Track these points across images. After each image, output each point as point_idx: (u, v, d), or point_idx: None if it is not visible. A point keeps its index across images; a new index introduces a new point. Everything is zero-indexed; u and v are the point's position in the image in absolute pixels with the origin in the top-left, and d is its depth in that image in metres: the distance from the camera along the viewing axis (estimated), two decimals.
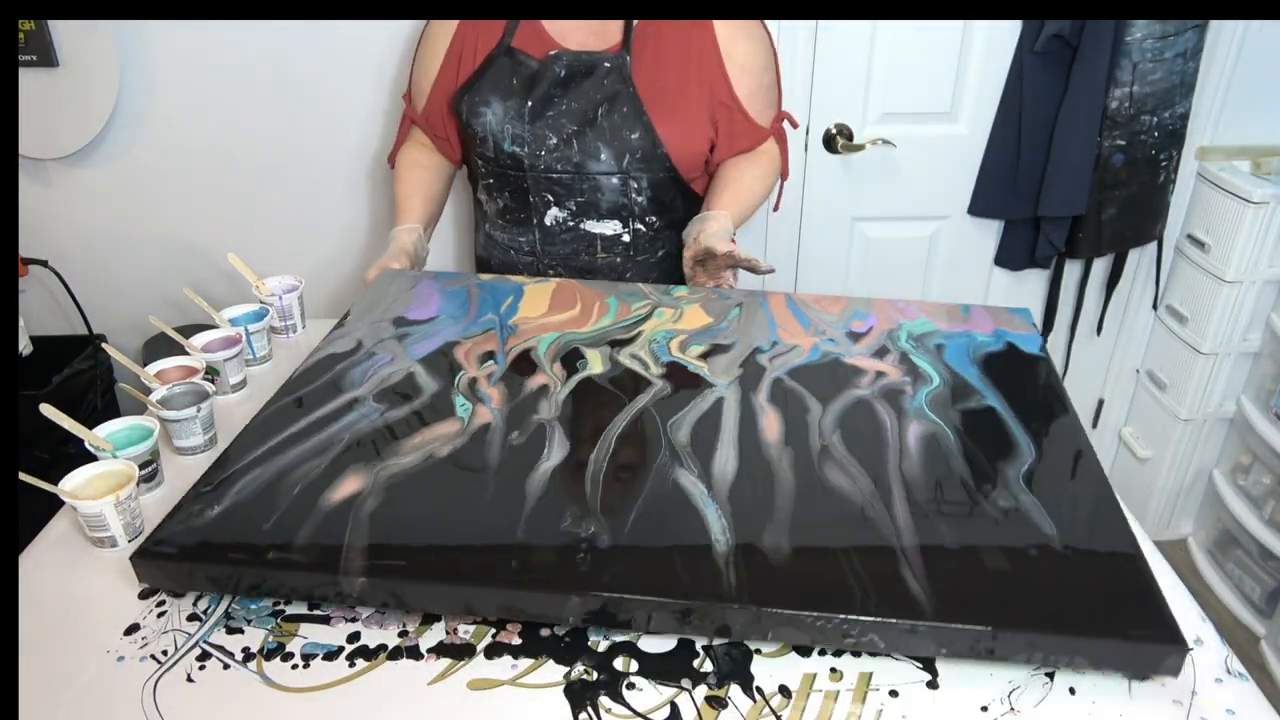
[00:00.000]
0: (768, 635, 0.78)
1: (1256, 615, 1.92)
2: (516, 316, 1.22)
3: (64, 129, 1.69)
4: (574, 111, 1.33)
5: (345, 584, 0.80)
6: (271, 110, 1.74)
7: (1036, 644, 0.76)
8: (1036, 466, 0.95)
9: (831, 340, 1.18)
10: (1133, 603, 0.79)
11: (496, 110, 1.34)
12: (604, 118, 1.32)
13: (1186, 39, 1.70)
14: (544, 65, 1.32)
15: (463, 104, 1.36)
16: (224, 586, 0.85)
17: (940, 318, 1.25)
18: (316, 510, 0.86)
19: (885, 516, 0.87)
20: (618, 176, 1.35)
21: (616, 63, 1.32)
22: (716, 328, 1.21)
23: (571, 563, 0.81)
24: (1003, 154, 1.83)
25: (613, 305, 1.26)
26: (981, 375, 1.11)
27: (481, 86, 1.35)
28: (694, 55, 1.34)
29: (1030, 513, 0.88)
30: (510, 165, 1.36)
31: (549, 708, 0.75)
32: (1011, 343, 1.20)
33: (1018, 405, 1.06)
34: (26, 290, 1.87)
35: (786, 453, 0.96)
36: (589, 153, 1.33)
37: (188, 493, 0.90)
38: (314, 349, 1.15)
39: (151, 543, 0.84)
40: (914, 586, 0.78)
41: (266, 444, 0.96)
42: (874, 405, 1.05)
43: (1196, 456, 2.07)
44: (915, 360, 1.14)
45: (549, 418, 1.01)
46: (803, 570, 0.81)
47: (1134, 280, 2.04)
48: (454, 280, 1.31)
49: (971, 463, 0.95)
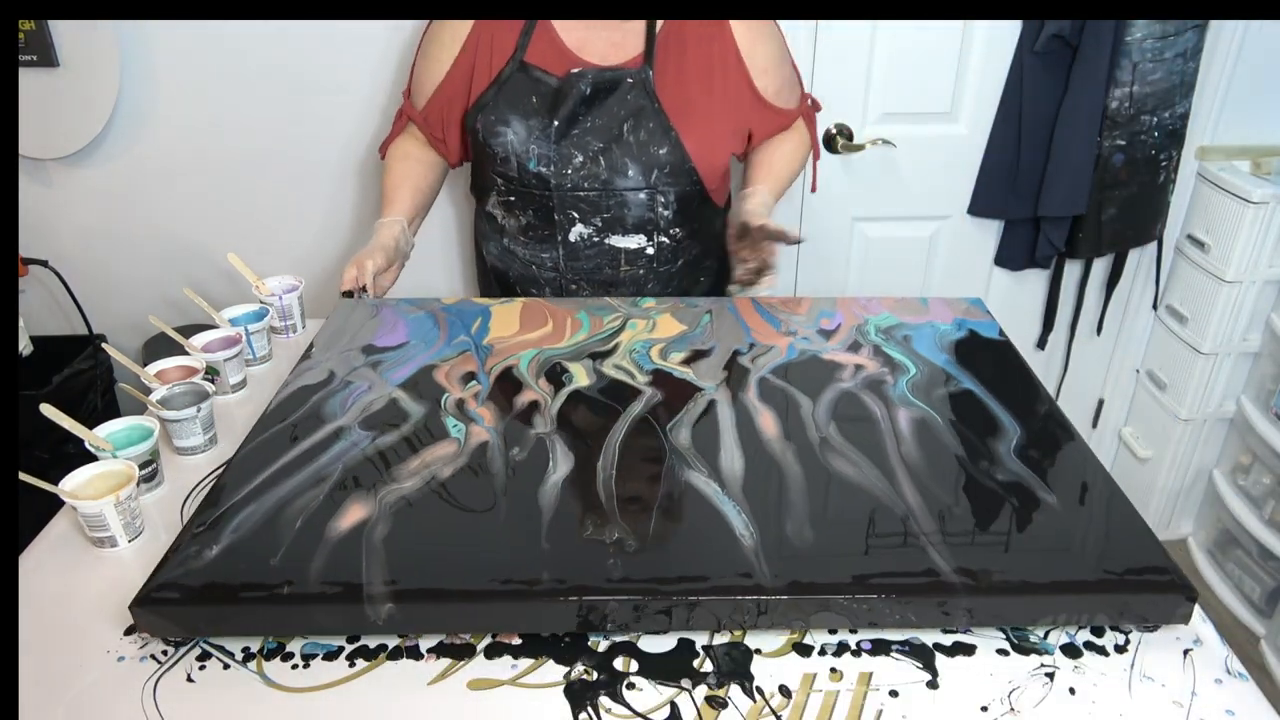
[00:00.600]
0: (809, 621, 0.80)
1: (1256, 615, 1.92)
2: (489, 336, 1.22)
3: (64, 129, 1.69)
4: (599, 129, 1.31)
5: (372, 613, 0.77)
6: (272, 110, 1.74)
7: (1059, 605, 0.80)
8: (1023, 441, 1.00)
9: (805, 339, 1.22)
10: (1139, 557, 0.84)
11: (518, 130, 1.32)
12: (630, 133, 1.31)
13: (1186, 39, 1.70)
14: (567, 83, 1.30)
15: (478, 122, 1.34)
16: (237, 629, 0.81)
17: (901, 310, 1.31)
18: (325, 541, 0.84)
19: (897, 499, 0.90)
20: (645, 192, 1.34)
21: (640, 77, 1.31)
22: (692, 334, 1.23)
23: (604, 568, 0.81)
24: (1003, 154, 1.83)
25: (585, 320, 1.27)
26: (952, 361, 1.17)
27: (499, 104, 1.32)
28: (716, 65, 1.33)
29: (1028, 483, 0.93)
30: (535, 185, 1.34)
31: (549, 708, 0.75)
32: (973, 330, 1.26)
33: (992, 386, 1.11)
34: (26, 290, 1.87)
35: (789, 447, 0.99)
36: (616, 170, 1.33)
37: (179, 535, 0.86)
38: (283, 382, 1.12)
39: (150, 590, 0.79)
40: (940, 564, 0.82)
41: (256, 479, 0.93)
42: (861, 396, 1.09)
43: (1196, 456, 2.07)
44: (888, 352, 1.19)
45: (547, 431, 1.01)
46: (831, 556, 0.83)
47: (1134, 280, 2.04)
48: (416, 306, 1.31)
49: (964, 442, 1.00)
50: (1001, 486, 0.93)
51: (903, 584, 0.80)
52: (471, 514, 0.89)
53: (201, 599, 0.79)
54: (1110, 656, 0.80)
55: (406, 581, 0.79)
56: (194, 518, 0.89)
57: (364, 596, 0.78)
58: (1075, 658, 0.80)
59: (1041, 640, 0.81)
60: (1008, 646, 0.81)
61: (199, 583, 0.80)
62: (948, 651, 0.80)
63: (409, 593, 0.78)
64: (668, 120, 1.32)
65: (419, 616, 0.79)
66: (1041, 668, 0.79)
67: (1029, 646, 0.81)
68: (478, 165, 1.44)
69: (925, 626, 0.81)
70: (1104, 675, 0.78)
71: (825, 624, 0.81)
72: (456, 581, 0.80)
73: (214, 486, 0.94)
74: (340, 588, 0.79)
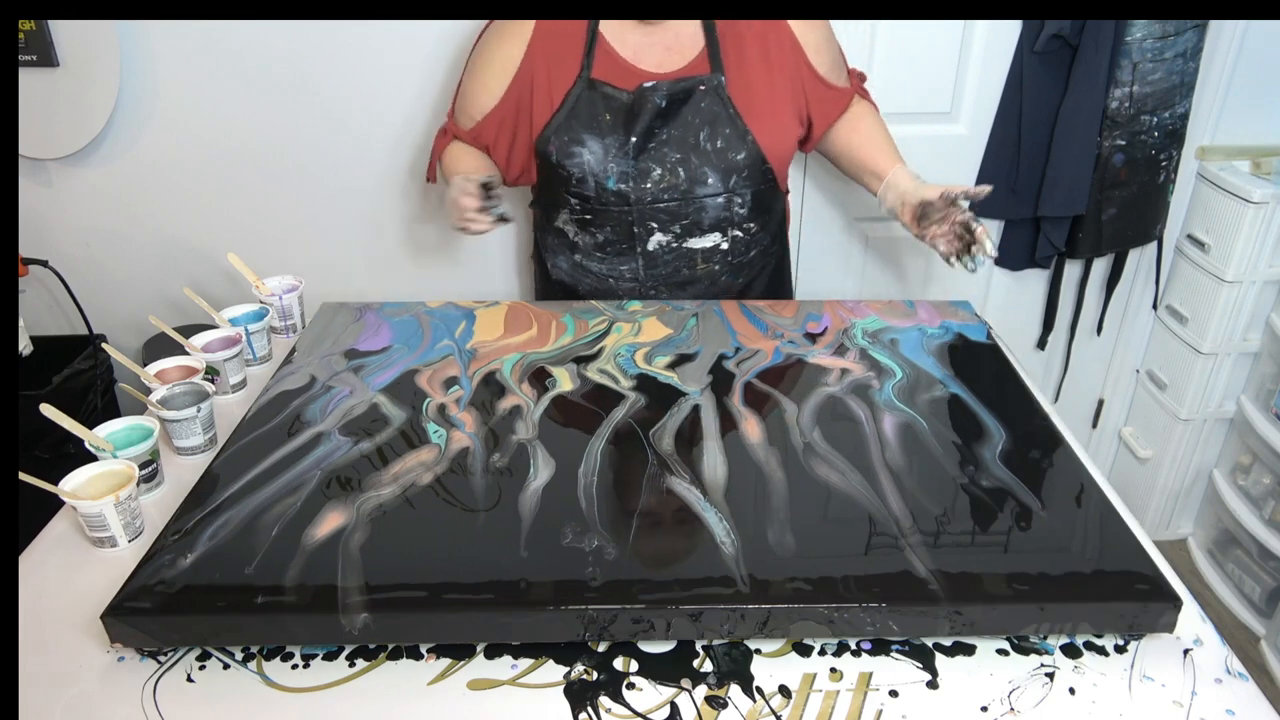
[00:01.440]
0: (788, 631, 0.79)
1: (1256, 615, 1.92)
2: (473, 341, 1.22)
3: (64, 129, 1.69)
4: (675, 140, 1.30)
5: (346, 623, 0.77)
6: (272, 110, 1.74)
7: (1044, 614, 0.79)
8: (1008, 446, 0.99)
9: (791, 342, 1.22)
10: (1124, 564, 0.83)
11: (594, 149, 1.30)
12: (707, 141, 1.31)
13: (1186, 39, 1.69)
14: (640, 97, 1.28)
15: (551, 145, 1.32)
16: (210, 639, 0.80)
17: (888, 314, 1.30)
18: (301, 549, 0.83)
19: (880, 506, 0.89)
20: (724, 195, 1.34)
21: (712, 84, 1.30)
22: (677, 338, 1.22)
23: (582, 578, 0.80)
24: (1002, 154, 1.83)
25: (570, 324, 1.26)
26: (939, 365, 1.16)
27: (571, 126, 1.31)
28: (773, 51, 1.33)
29: (1013, 489, 0.92)
30: (613, 202, 1.33)
31: (549, 708, 0.75)
32: (961, 333, 1.25)
33: (979, 390, 1.10)
34: (26, 290, 1.87)
35: (772, 453, 0.98)
36: (696, 179, 1.32)
37: (154, 544, 0.85)
38: (264, 387, 1.12)
39: (122, 599, 0.78)
40: (921, 570, 0.81)
41: (233, 486, 0.92)
42: (846, 401, 1.08)
43: (1196, 456, 2.07)
44: (875, 355, 1.18)
45: (528, 438, 1.00)
46: (811, 564, 0.82)
47: (1134, 280, 2.04)
48: (400, 310, 1.30)
49: (949, 448, 0.99)
50: (986, 493, 0.92)
51: (884, 594, 0.78)
52: (450, 521, 0.88)
53: (173, 609, 0.77)
54: (1110, 656, 0.80)
55: (382, 591, 0.78)
56: (169, 525, 0.87)
57: (339, 606, 0.77)
58: (1075, 658, 0.80)
59: (1041, 640, 0.81)
60: (1008, 646, 0.81)
61: (171, 592, 0.79)
62: (948, 651, 0.80)
63: (384, 602, 0.77)
64: (743, 123, 1.31)
65: (394, 627, 0.78)
66: (1041, 668, 0.79)
67: (1029, 646, 0.81)
68: (546, 185, 1.42)
69: (907, 635, 0.81)
70: (1104, 675, 0.78)
71: (806, 634, 0.80)
72: (433, 591, 0.79)
73: (190, 493, 0.92)
74: (315, 598, 0.78)
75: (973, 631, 0.80)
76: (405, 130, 1.76)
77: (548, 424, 1.03)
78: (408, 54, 1.68)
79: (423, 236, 1.87)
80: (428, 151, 1.77)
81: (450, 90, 1.71)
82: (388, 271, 1.90)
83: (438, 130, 1.46)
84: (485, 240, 1.89)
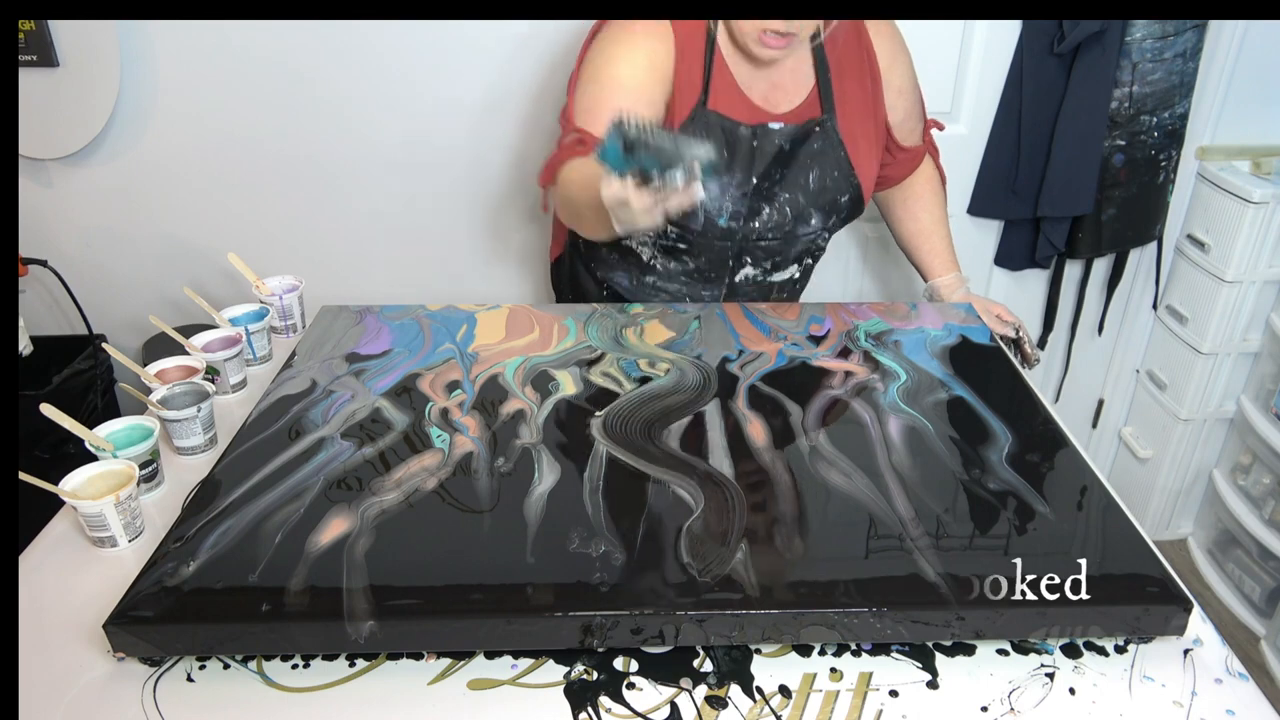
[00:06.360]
0: (798, 636, 0.78)
1: (1256, 615, 1.92)
2: (475, 344, 1.21)
3: (64, 129, 1.69)
4: (787, 180, 1.29)
5: (352, 631, 0.75)
6: (272, 110, 1.74)
7: (1051, 617, 0.78)
8: (1014, 449, 0.99)
9: (795, 345, 1.21)
10: (1132, 567, 0.83)
11: (711, 186, 1.22)
12: (815, 181, 1.29)
13: (1186, 39, 1.69)
14: (762, 138, 1.25)
15: None
16: (214, 648, 0.78)
17: (891, 315, 1.30)
18: (305, 556, 0.82)
19: (888, 510, 0.89)
20: (819, 233, 1.35)
21: (828, 124, 1.28)
22: (680, 341, 1.22)
23: (590, 583, 0.79)
24: (1003, 154, 1.83)
25: (572, 327, 1.25)
26: (943, 367, 1.16)
27: None
28: (868, 85, 1.31)
29: (1021, 493, 0.92)
30: (718, 236, 1.30)
31: (549, 708, 0.75)
32: (964, 335, 1.24)
33: (983, 392, 1.10)
34: (26, 290, 1.87)
35: (779, 456, 0.97)
36: (801, 218, 1.31)
37: (156, 551, 0.84)
38: (265, 392, 1.11)
39: (124, 608, 0.77)
40: (930, 574, 0.80)
41: (235, 492, 0.91)
42: (850, 403, 1.07)
43: (1196, 456, 2.07)
44: (878, 357, 1.18)
45: (533, 442, 0.99)
46: (820, 568, 0.82)
47: (1134, 280, 2.04)
48: (400, 313, 1.30)
49: (955, 451, 0.99)
50: (993, 495, 0.91)
51: (891, 599, 0.78)
52: (455, 527, 0.87)
53: (176, 617, 0.76)
54: (1110, 657, 0.80)
55: (388, 598, 0.77)
56: (171, 532, 0.86)
57: (344, 614, 0.76)
58: (1075, 658, 0.80)
59: (1041, 641, 0.81)
60: (1008, 647, 0.81)
61: (173, 600, 0.78)
62: (948, 651, 0.80)
63: (390, 609, 0.76)
64: (850, 164, 1.30)
65: (400, 634, 0.77)
66: (1041, 668, 0.79)
67: (1029, 646, 0.81)
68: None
69: (914, 640, 0.80)
70: (1104, 675, 0.78)
71: (816, 638, 0.79)
72: (439, 598, 0.78)
73: (191, 500, 0.92)
74: (320, 606, 0.77)
75: (976, 637, 0.80)
76: (405, 130, 1.76)
77: (551, 428, 1.02)
78: (408, 54, 1.68)
79: (423, 236, 1.87)
80: (425, 150, 1.77)
81: (442, 89, 1.71)
82: (388, 271, 1.90)
83: (568, 136, 1.21)
84: (485, 242, 1.89)
